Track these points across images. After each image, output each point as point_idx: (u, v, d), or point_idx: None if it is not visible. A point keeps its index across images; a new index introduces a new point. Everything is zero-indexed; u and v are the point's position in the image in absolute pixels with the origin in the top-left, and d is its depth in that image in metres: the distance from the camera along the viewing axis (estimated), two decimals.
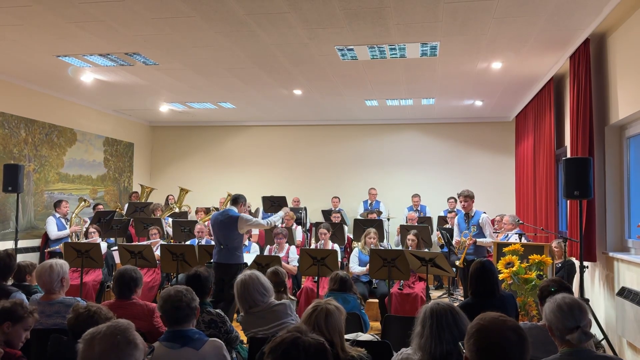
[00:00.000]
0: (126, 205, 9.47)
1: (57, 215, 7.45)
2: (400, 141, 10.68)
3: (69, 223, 7.46)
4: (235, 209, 5.36)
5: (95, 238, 6.62)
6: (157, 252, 6.28)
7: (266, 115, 10.42)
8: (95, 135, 9.66)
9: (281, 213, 5.83)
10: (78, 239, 7.19)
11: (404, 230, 7.38)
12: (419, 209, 9.73)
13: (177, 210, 9.06)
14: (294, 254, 6.45)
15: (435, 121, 10.37)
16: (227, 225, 5.25)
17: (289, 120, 10.88)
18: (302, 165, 11.04)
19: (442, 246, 7.86)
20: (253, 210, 9.31)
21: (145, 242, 6.68)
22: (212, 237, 5.45)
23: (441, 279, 7.97)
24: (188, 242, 6.87)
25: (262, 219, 8.77)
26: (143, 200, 9.61)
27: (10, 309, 2.69)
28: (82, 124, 9.35)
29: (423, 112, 9.73)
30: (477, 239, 5.51)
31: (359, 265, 6.13)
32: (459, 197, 5.91)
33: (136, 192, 10.17)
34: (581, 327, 2.15)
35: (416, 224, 8.03)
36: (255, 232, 8.42)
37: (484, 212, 5.83)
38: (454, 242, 6.03)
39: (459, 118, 10.19)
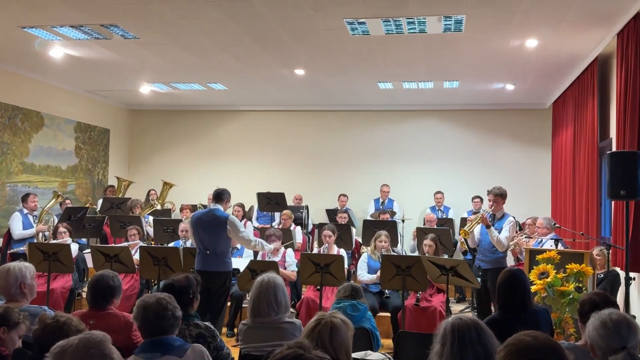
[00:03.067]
0: (100, 201, 9.44)
1: (25, 211, 7.42)
2: (418, 131, 10.58)
3: (37, 220, 7.45)
4: (220, 208, 5.42)
5: (66, 238, 6.63)
6: (136, 256, 6.25)
7: (263, 99, 10.32)
8: (65, 120, 9.62)
9: (271, 246, 5.91)
10: (46, 240, 7.21)
11: (420, 233, 7.34)
12: (442, 208, 9.71)
13: (159, 207, 9.15)
14: (291, 257, 6.49)
15: (459, 108, 10.29)
16: (214, 226, 5.29)
17: (289, 105, 10.80)
18: (304, 157, 11.00)
19: (465, 252, 7.90)
20: (247, 209, 9.28)
21: (122, 244, 6.70)
22: (194, 240, 5.55)
23: (463, 291, 7.89)
24: (171, 244, 6.92)
25: (257, 218, 9.34)
26: (120, 196, 9.63)
27: (4, 314, 2.81)
28: (50, 106, 9.31)
29: (445, 97, 9.62)
30: (493, 231, 5.50)
31: (368, 272, 6.15)
32: (488, 194, 5.88)
33: (112, 186, 10.14)
34: (628, 348, 2.15)
35: (435, 227, 7.98)
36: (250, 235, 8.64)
37: (513, 217, 5.82)
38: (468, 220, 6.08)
39: (487, 104, 10.09)
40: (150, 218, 8.37)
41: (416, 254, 7.08)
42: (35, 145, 9.03)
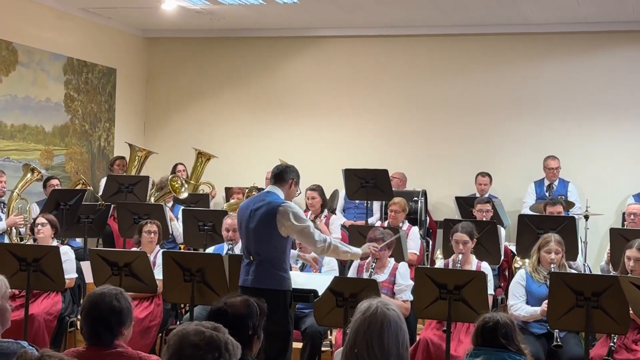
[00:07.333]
0: (103, 181, 9.29)
1: None
2: (612, 68, 9.79)
3: (5, 209, 7.69)
4: (279, 192, 5.32)
5: (49, 237, 6.66)
6: (157, 268, 6.30)
7: (357, 18, 9.95)
8: (50, 55, 9.33)
9: (358, 250, 5.67)
10: (22, 239, 7.42)
11: (618, 238, 7.09)
12: None
13: (185, 195, 9.01)
14: (405, 277, 6.18)
15: None
16: (264, 220, 5.22)
17: (399, 27, 10.25)
18: (417, 112, 10.39)
19: None
20: (328, 195, 9.10)
21: (136, 249, 6.78)
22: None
23: None
24: (211, 249, 6.93)
25: (343, 209, 9.73)
26: (133, 173, 9.58)
27: None
28: (27, 34, 9.03)
29: None
30: None
31: (528, 302, 6.01)
32: None
33: (121, 158, 9.98)
34: None
35: None
36: (337, 233, 8.25)
37: None
38: None
39: None
40: (178, 207, 8.41)
41: (612, 272, 7.04)
42: (4, 94, 8.82)
